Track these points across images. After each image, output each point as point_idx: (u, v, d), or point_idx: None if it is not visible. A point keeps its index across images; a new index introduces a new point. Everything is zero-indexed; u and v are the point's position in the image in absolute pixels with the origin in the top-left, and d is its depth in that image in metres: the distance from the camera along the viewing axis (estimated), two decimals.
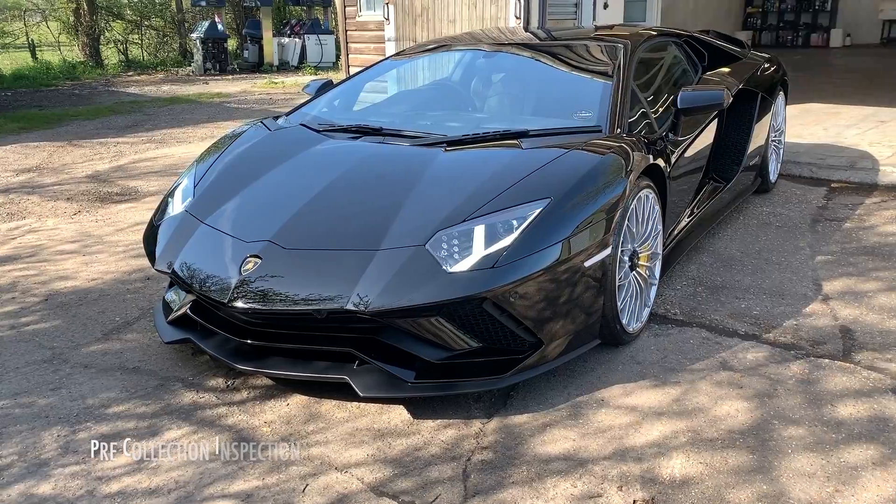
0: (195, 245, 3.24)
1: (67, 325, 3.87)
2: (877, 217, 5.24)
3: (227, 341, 3.16)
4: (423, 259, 2.83)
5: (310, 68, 18.41)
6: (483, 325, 2.86)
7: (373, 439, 2.82)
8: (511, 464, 2.64)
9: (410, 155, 3.50)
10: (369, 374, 2.90)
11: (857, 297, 3.90)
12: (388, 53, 9.39)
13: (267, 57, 19.03)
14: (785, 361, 3.26)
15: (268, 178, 3.51)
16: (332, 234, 3.06)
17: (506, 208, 2.93)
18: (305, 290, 2.88)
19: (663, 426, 2.82)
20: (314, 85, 4.82)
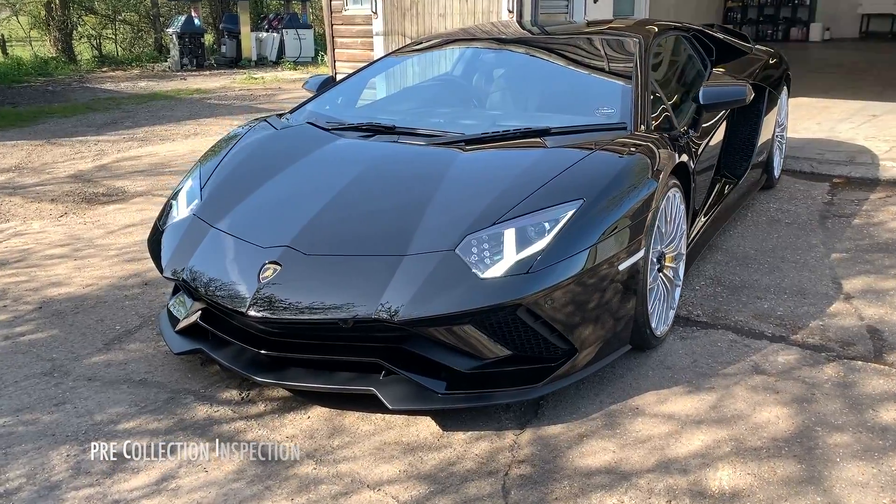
0: (206, 251, 3.08)
1: (65, 335, 3.68)
2: (884, 213, 5.19)
3: (241, 352, 3.01)
4: (453, 264, 2.70)
5: (289, 63, 18.15)
6: (515, 332, 2.74)
7: (403, 454, 2.69)
8: (552, 478, 2.52)
9: (429, 154, 3.37)
10: (397, 385, 2.76)
11: (879, 295, 3.83)
12: (377, 48, 9.23)
13: (245, 52, 18.72)
14: (817, 364, 3.18)
15: (279, 180, 3.35)
16: (354, 239, 2.92)
17: (537, 210, 2.81)
18: (329, 298, 2.73)
19: (704, 435, 2.72)
20: (314, 81, 4.66)
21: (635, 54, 3.88)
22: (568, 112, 3.74)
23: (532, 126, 3.47)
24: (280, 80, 15.57)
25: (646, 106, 3.53)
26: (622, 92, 3.62)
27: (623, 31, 4.25)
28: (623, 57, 3.96)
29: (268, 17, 19.85)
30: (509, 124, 3.62)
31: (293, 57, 18.71)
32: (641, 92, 3.58)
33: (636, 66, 3.77)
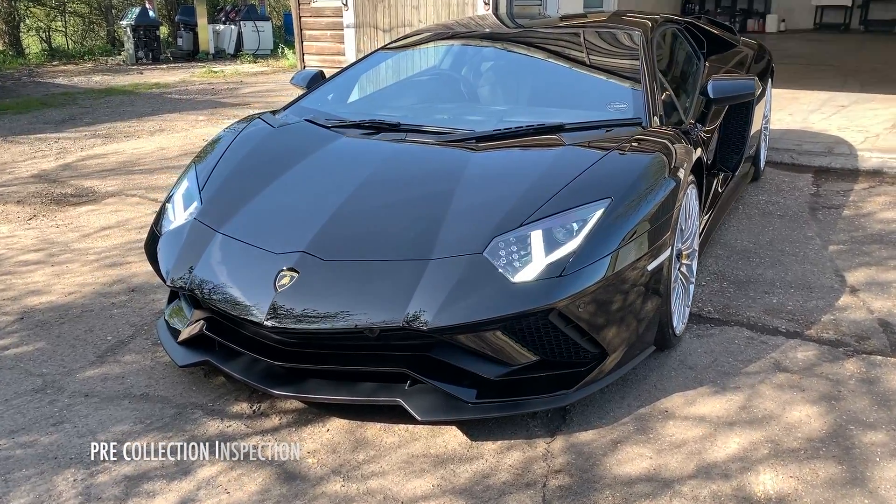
0: (213, 258, 2.92)
1: (53, 348, 3.48)
2: (871, 203, 5.24)
3: (253, 363, 2.86)
4: (482, 268, 2.60)
5: (248, 56, 17.74)
6: (545, 337, 2.64)
7: (433, 467, 2.58)
8: (592, 488, 2.44)
9: (442, 153, 3.25)
10: (423, 395, 2.65)
11: (884, 288, 3.84)
12: (348, 41, 9.05)
13: (202, 45, 18.23)
14: (837, 360, 3.16)
15: (285, 181, 3.20)
16: (373, 243, 2.78)
17: (564, 210, 2.72)
18: (352, 306, 2.60)
19: (739, 437, 2.67)
20: (302, 76, 4.51)
21: (640, 48, 3.81)
22: (577, 107, 3.65)
23: (545, 122, 3.37)
24: (241, 73, 15.21)
25: (657, 99, 3.46)
26: (632, 86, 3.54)
27: (623, 25, 4.18)
28: (627, 50, 3.89)
29: (225, 9, 19.37)
30: (517, 120, 3.52)
31: (252, 50, 18.30)
32: (651, 86, 3.51)
33: (642, 59, 3.70)
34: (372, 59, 4.44)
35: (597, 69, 3.98)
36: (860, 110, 8.44)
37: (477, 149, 3.21)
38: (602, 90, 3.76)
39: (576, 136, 3.22)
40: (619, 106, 3.48)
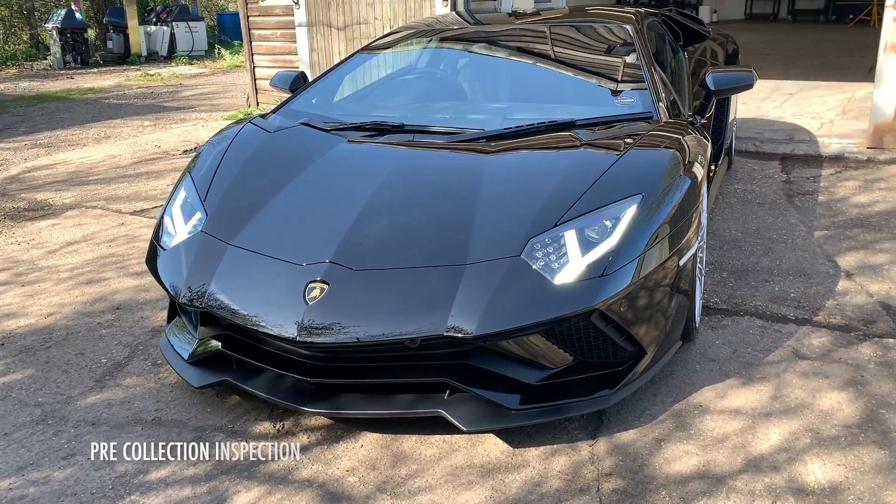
0: (229, 273, 2.77)
1: (44, 374, 3.26)
2: (842, 188, 5.38)
3: (278, 380, 2.73)
4: (521, 271, 2.53)
5: (183, 58, 17.24)
6: (585, 338, 2.60)
7: (481, 478, 2.50)
8: (647, 489, 2.41)
9: (457, 154, 3.16)
10: (464, 404, 2.57)
11: (876, 271, 3.94)
12: (300, 40, 8.84)
13: (133, 47, 17.63)
14: (851, 345, 3.21)
15: (294, 188, 3.07)
16: (403, 250, 2.68)
17: (596, 209, 2.67)
18: (389, 316, 2.50)
19: (778, 428, 2.68)
20: (281, 78, 4.37)
21: (634, 40, 3.80)
22: (580, 103, 3.61)
23: (555, 119, 3.32)
24: (179, 75, 14.76)
25: (660, 92, 3.46)
26: (635, 80, 3.52)
27: (611, 19, 4.16)
28: (623, 44, 3.87)
29: (155, 10, 18.77)
30: (521, 118, 3.46)
31: (186, 51, 17.80)
32: (654, 79, 3.50)
33: (640, 53, 3.69)
34: (355, 59, 4.32)
35: (595, 64, 3.96)
36: (808, 97, 8.70)
37: (492, 148, 3.14)
38: (605, 85, 3.73)
39: (590, 132, 3.18)
40: (626, 101, 3.46)
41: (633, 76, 3.59)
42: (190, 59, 17.17)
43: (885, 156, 6.11)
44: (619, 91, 3.54)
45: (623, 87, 3.56)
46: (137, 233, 5.12)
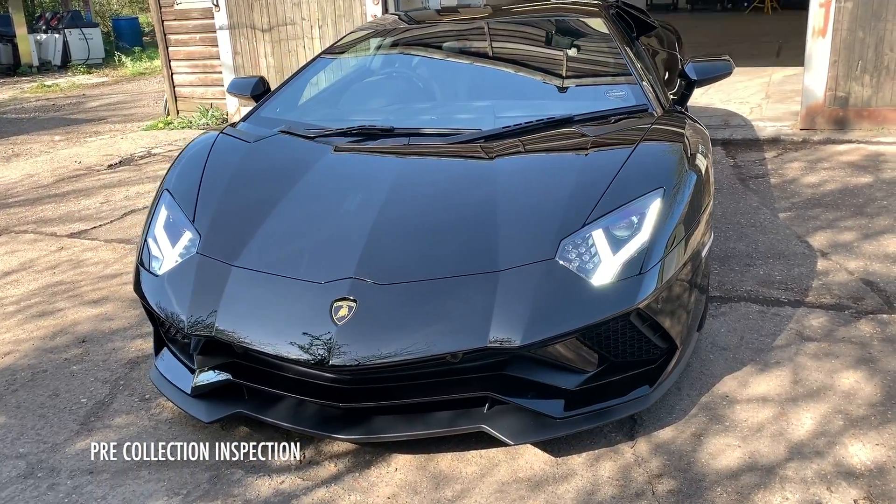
0: (238, 297, 2.57)
1: (19, 421, 2.96)
2: (790, 170, 5.56)
3: (299, 407, 2.56)
4: (558, 274, 2.45)
5: (80, 67, 16.34)
6: (622, 338, 2.54)
7: (531, 492, 2.41)
8: (701, 487, 2.37)
9: (462, 156, 3.05)
10: (505, 416, 2.47)
11: (848, 249, 4.06)
12: (222, 44, 8.49)
13: (24, 57, 16.57)
14: (849, 323, 3.29)
15: (292, 202, 2.88)
16: (428, 260, 2.55)
17: (621, 205, 2.62)
18: (427, 331, 2.37)
19: (809, 412, 2.69)
20: (239, 85, 4.12)
21: (610, 32, 3.78)
22: (572, 98, 3.55)
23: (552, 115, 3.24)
24: (80, 85, 13.98)
25: (651, 84, 3.44)
26: (621, 72, 3.50)
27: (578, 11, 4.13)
28: (599, 37, 3.84)
29: (44, 17, 17.70)
30: (512, 115, 3.38)
31: (82, 59, 16.88)
32: (639, 71, 3.49)
33: (619, 44, 3.67)
34: (319, 63, 4.12)
35: (576, 58, 3.91)
36: (730, 83, 8.97)
37: (498, 148, 3.03)
38: (591, 79, 3.69)
39: (592, 127, 3.13)
40: (617, 94, 3.43)
41: (619, 69, 3.57)
42: (88, 68, 16.28)
43: (819, 137, 6.36)
44: (609, 85, 3.50)
45: (611, 80, 3.52)
46: (81, 257, 4.76)
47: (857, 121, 6.41)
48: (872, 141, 6.14)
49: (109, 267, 4.54)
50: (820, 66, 6.39)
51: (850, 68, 6.33)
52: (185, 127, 8.80)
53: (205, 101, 8.99)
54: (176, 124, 8.92)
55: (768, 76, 9.24)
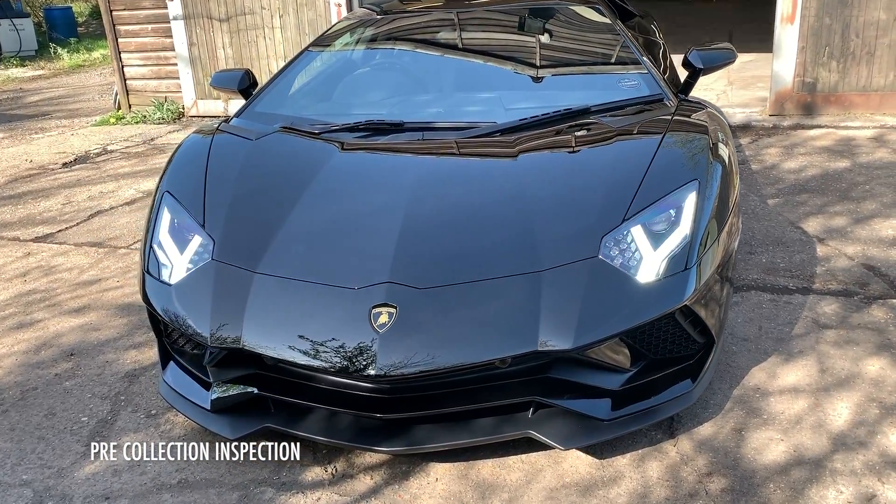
0: (264, 306, 2.42)
1: (17, 446, 2.75)
2: (768, 156, 5.61)
3: (332, 420, 2.43)
4: (604, 272, 2.37)
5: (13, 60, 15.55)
6: (665, 334, 2.48)
7: (583, 497, 2.33)
8: (754, 484, 2.33)
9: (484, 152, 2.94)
10: (550, 420, 2.39)
11: (842, 234, 4.10)
12: (177, 34, 8.16)
13: None
14: (861, 309, 3.31)
15: (309, 204, 2.74)
16: (465, 262, 2.44)
17: (657, 200, 2.56)
18: (473, 336, 2.27)
19: (843, 402, 2.69)
20: (224, 78, 3.91)
21: (611, 21, 3.71)
22: (582, 88, 3.47)
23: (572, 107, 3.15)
24: (15, 79, 13.32)
25: (659, 74, 3.39)
26: (633, 61, 3.43)
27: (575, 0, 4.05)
28: (603, 25, 3.77)
29: None
30: (523, 107, 3.28)
31: (13, 52, 16.05)
32: (648, 59, 3.43)
33: (623, 33, 3.60)
34: (308, 55, 3.95)
35: (581, 47, 3.83)
36: None
37: (518, 142, 2.93)
38: (599, 68, 3.62)
39: (612, 119, 3.05)
40: (630, 84, 3.36)
41: (627, 57, 3.50)
42: (21, 61, 15.53)
43: (788, 122, 6.45)
44: (619, 74, 3.43)
45: (619, 69, 3.46)
46: (52, 262, 4.49)
47: (825, 106, 6.52)
48: (841, 126, 6.26)
49: (85, 273, 4.30)
50: (788, 52, 6.47)
51: (817, 54, 6.42)
52: (139, 122, 8.45)
53: (159, 94, 8.64)
54: (129, 119, 8.56)
55: None
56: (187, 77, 8.33)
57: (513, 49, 3.89)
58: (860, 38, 6.28)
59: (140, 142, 7.60)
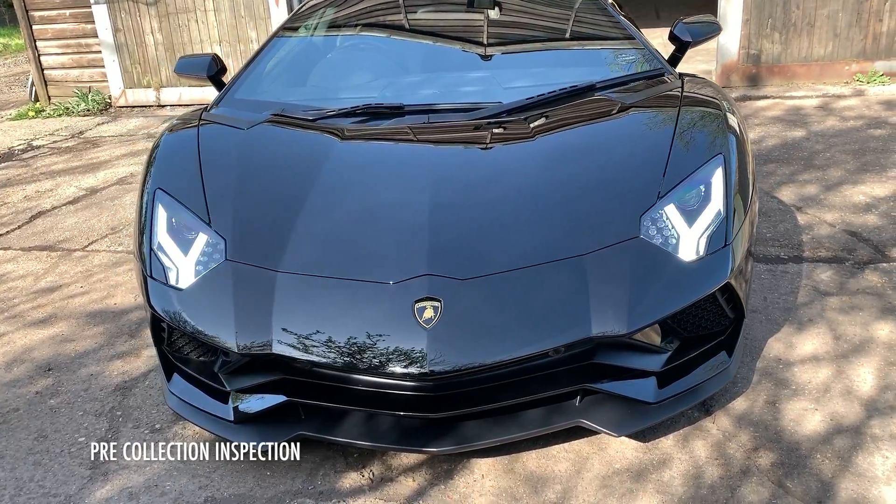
0: (293, 305, 2.26)
1: (11, 474, 2.51)
2: None
3: (370, 423, 2.30)
4: (647, 253, 2.31)
5: None
6: (701, 312, 2.45)
7: (637, 483, 2.29)
8: (800, 455, 2.33)
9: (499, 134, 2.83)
10: (598, 407, 2.32)
11: (817, 202, 4.19)
12: (99, 19, 7.70)
13: None
14: (855, 275, 3.38)
15: (322, 195, 2.57)
16: (503, 250, 2.33)
17: (686, 177, 2.51)
18: (523, 326, 2.18)
19: (864, 367, 2.73)
20: (191, 64, 3.67)
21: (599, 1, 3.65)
22: (581, 65, 3.38)
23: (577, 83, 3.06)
24: None
25: (654, 48, 3.35)
26: (627, 37, 3.37)
27: None
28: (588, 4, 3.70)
29: None
30: (520, 86, 3.19)
31: None
32: (641, 35, 3.38)
33: (610, 8, 3.54)
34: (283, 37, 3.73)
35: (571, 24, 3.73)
36: None
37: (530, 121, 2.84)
38: (594, 44, 3.54)
39: (621, 95, 2.99)
40: (629, 59, 3.30)
41: (619, 33, 3.45)
42: None
43: (736, 94, 6.58)
44: (615, 49, 3.37)
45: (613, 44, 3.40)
46: (1, 270, 4.15)
47: (769, 77, 6.68)
48: (786, 96, 6.43)
49: (42, 279, 3.99)
50: (733, 24, 6.58)
51: (760, 26, 6.57)
52: (62, 114, 7.96)
53: (82, 84, 8.15)
54: (51, 112, 8.04)
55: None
56: (113, 65, 7.87)
57: (500, 25, 3.77)
58: (801, 10, 6.45)
59: (68, 136, 7.15)
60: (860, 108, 5.96)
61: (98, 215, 4.92)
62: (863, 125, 5.51)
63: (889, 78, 6.46)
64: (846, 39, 6.46)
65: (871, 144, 5.05)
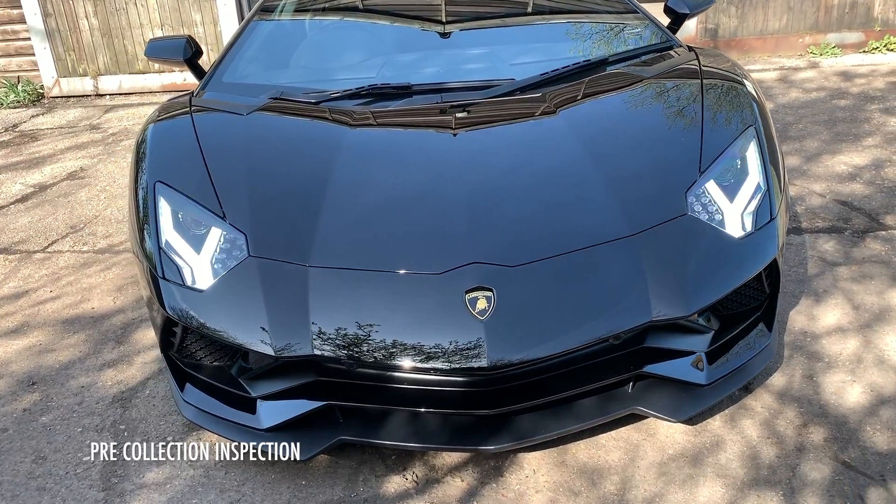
0: (330, 302, 2.09)
1: (16, 492, 2.27)
2: None
3: (416, 424, 2.16)
4: (698, 230, 2.23)
5: None
6: (744, 288, 2.39)
7: (695, 467, 2.22)
8: (850, 429, 2.31)
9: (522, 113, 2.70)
10: (650, 393, 2.23)
11: (802, 173, 4.22)
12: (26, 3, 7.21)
13: None
14: (856, 244, 3.40)
15: (343, 182, 2.39)
16: (550, 235, 2.21)
17: (722, 151, 2.44)
18: (580, 313, 2.07)
19: (890, 335, 2.74)
20: (163, 48, 3.41)
21: None
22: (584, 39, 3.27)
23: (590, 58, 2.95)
24: None
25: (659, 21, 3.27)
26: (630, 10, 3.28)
27: None
28: None
29: None
30: (527, 61, 3.07)
31: None
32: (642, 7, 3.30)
33: None
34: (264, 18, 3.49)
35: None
36: None
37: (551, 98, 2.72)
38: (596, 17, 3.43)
39: (640, 70, 2.89)
40: (635, 32, 3.21)
41: (623, 8, 3.36)
42: None
43: None
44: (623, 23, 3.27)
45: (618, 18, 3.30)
46: None
47: (727, 50, 6.73)
48: None
49: (5, 285, 3.68)
50: None
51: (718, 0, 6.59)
52: None
53: (9, 74, 7.62)
54: None
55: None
56: (45, 53, 7.39)
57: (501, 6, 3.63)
58: None
59: (1, 129, 6.67)
60: (819, 79, 6.06)
61: (53, 213, 4.58)
62: (826, 96, 5.60)
63: (841, 49, 6.59)
64: (800, 12, 6.56)
65: (838, 115, 5.13)
